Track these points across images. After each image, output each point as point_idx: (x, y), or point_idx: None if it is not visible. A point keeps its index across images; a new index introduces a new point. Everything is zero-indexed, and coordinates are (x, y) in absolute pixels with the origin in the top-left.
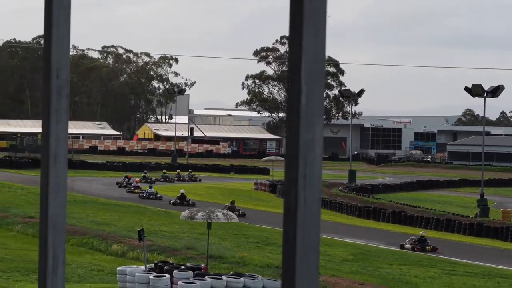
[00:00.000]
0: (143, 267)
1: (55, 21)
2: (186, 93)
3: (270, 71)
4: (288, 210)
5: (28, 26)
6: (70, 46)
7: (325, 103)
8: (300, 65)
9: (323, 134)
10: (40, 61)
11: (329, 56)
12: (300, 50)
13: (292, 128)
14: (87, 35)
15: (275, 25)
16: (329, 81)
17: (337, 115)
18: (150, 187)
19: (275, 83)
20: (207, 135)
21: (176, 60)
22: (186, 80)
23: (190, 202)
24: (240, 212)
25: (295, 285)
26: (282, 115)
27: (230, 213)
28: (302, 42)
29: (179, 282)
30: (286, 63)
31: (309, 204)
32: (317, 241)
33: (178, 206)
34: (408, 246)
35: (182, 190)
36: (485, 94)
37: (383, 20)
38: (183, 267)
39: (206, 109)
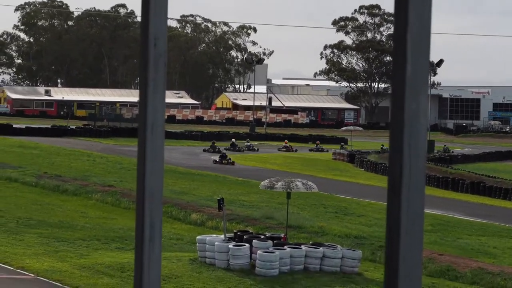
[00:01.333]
0: (222, 236)
1: None
2: (264, 62)
3: (348, 40)
4: (393, 179)
5: None
6: None
7: None
8: (405, 34)
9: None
10: (118, 30)
11: None
12: (406, 20)
13: (397, 97)
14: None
15: None
16: None
17: None
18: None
19: (354, 53)
20: (285, 105)
21: (255, 30)
22: (264, 49)
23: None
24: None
25: (399, 255)
26: (360, 85)
27: (309, 183)
28: (408, 12)
29: (258, 252)
30: (365, 32)
31: (414, 173)
32: (421, 211)
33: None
34: None
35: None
36: None
37: None
38: (262, 237)
39: (284, 78)
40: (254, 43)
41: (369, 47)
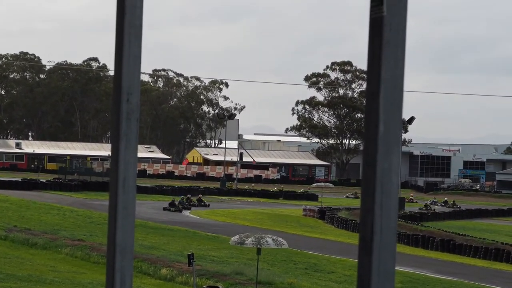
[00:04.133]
0: None
1: (126, 42)
2: (235, 117)
3: (320, 97)
4: (363, 239)
5: (78, 48)
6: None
7: None
8: (378, 92)
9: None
10: (90, 84)
11: None
12: (379, 77)
13: (369, 156)
14: None
15: (326, 51)
16: None
17: None
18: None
19: (325, 109)
20: (256, 160)
21: (226, 85)
22: (236, 104)
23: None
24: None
25: None
26: (331, 141)
27: (280, 239)
28: (380, 69)
29: None
30: (336, 89)
31: (385, 233)
32: (392, 271)
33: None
34: None
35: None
36: None
37: (434, 47)
38: None
39: (255, 134)
40: (225, 98)
41: (340, 103)
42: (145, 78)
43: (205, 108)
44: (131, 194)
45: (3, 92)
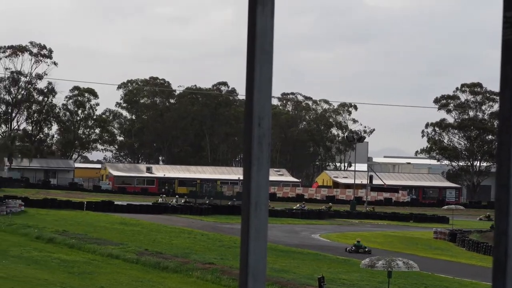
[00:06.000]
0: None
1: (257, 67)
2: (365, 140)
3: (450, 119)
4: (497, 262)
5: (208, 72)
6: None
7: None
8: (511, 114)
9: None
10: (219, 108)
11: None
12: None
13: (502, 177)
14: None
15: (456, 73)
16: None
17: None
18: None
19: (456, 131)
20: (386, 183)
21: (355, 107)
22: (365, 127)
23: (366, 249)
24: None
25: None
26: (462, 163)
27: (410, 262)
28: None
29: None
30: (466, 111)
31: None
32: None
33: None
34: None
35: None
36: None
37: None
38: None
39: (385, 156)
40: (354, 121)
41: (471, 125)
42: (274, 101)
43: (334, 131)
44: (263, 218)
45: (134, 117)
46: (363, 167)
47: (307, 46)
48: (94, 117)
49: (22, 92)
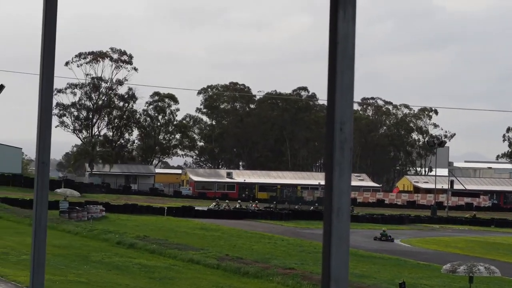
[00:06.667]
0: None
1: (339, 72)
2: (445, 145)
3: None
4: None
5: (288, 77)
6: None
7: None
8: None
9: None
10: (299, 113)
11: None
12: None
13: None
14: None
15: None
16: None
17: None
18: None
19: None
20: (467, 188)
21: (436, 112)
22: (446, 132)
23: (390, 238)
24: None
25: None
26: None
27: (492, 267)
28: None
29: None
30: None
31: None
32: None
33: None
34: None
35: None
36: None
37: None
38: None
39: (466, 161)
40: (435, 126)
41: None
42: (354, 106)
43: (414, 135)
44: (345, 223)
45: (214, 123)
46: (443, 172)
47: (387, 51)
48: (175, 122)
49: (103, 98)
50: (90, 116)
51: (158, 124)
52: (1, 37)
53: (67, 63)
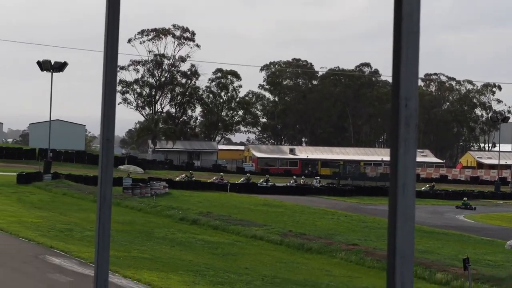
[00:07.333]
0: None
1: (404, 48)
2: (509, 121)
3: None
4: None
5: (351, 53)
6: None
7: None
8: None
9: None
10: (362, 89)
11: None
12: None
13: None
14: None
15: None
16: None
17: None
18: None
19: None
20: None
21: (499, 88)
22: (510, 107)
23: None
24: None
25: None
26: None
27: None
28: None
29: None
30: None
31: None
32: None
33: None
34: None
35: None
36: None
37: None
38: None
39: None
40: (499, 101)
41: None
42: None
43: (477, 111)
44: (411, 199)
45: (276, 99)
46: (507, 147)
47: (451, 27)
48: (237, 99)
49: (166, 74)
50: (153, 93)
51: (221, 100)
52: (66, 15)
53: (129, 40)
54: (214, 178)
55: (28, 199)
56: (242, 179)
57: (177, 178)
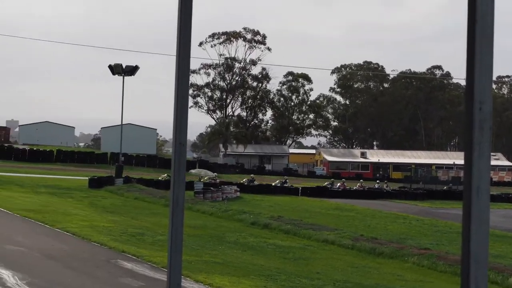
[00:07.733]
0: None
1: (477, 51)
2: None
3: None
4: None
5: (422, 56)
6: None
7: None
8: None
9: None
10: (434, 92)
11: None
12: None
13: None
14: None
15: None
16: None
17: None
18: None
19: None
20: None
21: None
22: None
23: None
24: None
25: None
26: None
27: None
28: None
29: None
30: None
31: None
32: None
33: None
34: None
35: None
36: None
37: None
38: None
39: None
40: None
41: None
42: None
43: None
44: (485, 203)
45: (347, 102)
46: None
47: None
48: (308, 102)
49: (237, 78)
50: (224, 96)
51: (292, 104)
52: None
53: (200, 44)
54: (277, 181)
55: (100, 203)
56: (277, 182)
57: (242, 181)
